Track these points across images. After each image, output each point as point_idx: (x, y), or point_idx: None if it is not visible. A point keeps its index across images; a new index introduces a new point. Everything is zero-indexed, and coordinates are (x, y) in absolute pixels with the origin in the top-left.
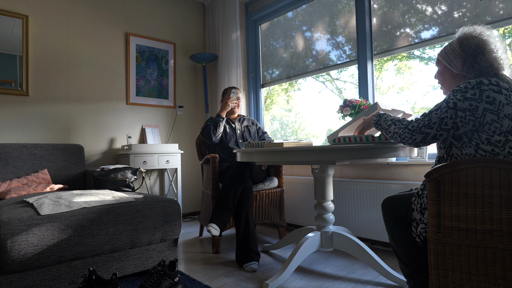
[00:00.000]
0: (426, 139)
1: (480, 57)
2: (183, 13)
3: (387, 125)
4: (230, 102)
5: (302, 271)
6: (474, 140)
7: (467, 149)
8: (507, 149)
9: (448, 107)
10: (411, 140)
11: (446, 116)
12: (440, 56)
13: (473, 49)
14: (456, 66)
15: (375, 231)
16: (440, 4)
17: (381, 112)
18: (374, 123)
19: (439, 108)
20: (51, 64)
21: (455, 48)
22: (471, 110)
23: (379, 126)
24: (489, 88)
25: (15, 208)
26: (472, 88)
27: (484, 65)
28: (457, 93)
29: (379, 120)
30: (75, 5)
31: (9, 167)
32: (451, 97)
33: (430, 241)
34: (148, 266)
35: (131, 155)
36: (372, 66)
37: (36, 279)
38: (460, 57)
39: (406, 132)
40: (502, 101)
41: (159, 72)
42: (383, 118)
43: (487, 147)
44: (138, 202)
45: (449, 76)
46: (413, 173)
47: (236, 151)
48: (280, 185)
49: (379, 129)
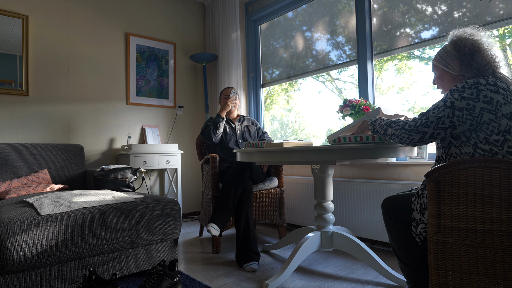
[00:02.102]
0: (423, 138)
1: (477, 55)
2: (183, 13)
3: (383, 130)
4: (230, 102)
5: (302, 271)
6: (472, 139)
7: (466, 148)
8: (505, 148)
9: (445, 106)
10: (409, 140)
11: (443, 115)
12: (435, 61)
13: (469, 48)
14: (454, 67)
15: (375, 231)
16: (440, 4)
17: (374, 119)
18: (371, 130)
19: (436, 107)
20: (51, 64)
21: (449, 50)
22: (468, 110)
23: (376, 133)
24: (486, 88)
25: (15, 208)
26: (470, 87)
27: (482, 63)
28: (454, 92)
29: (374, 127)
30: (75, 5)
31: (9, 167)
32: (448, 97)
33: (430, 241)
34: (148, 266)
35: (131, 155)
36: (372, 66)
37: (36, 279)
38: (456, 58)
39: (403, 133)
40: (500, 100)
41: (159, 72)
42: (377, 123)
43: (485, 146)
44: (138, 202)
45: (449, 79)
46: (413, 173)
47: (236, 151)
48: (280, 185)
49: (377, 135)
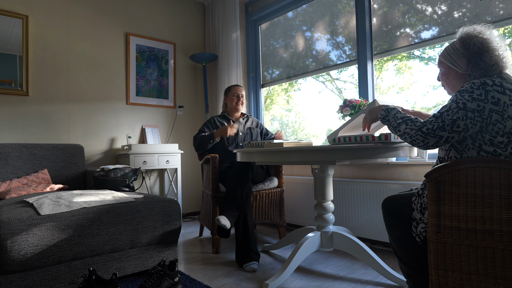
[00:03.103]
0: (439, 142)
1: (485, 55)
2: (183, 13)
3: (396, 123)
4: (230, 132)
5: (302, 271)
6: (478, 141)
7: (469, 151)
8: (509, 150)
9: (458, 108)
10: (423, 143)
11: (458, 117)
12: (442, 57)
13: (478, 47)
14: (461, 66)
15: (375, 231)
16: (440, 4)
17: (391, 106)
18: (381, 118)
19: (449, 109)
20: (51, 64)
21: (457, 48)
22: (479, 111)
23: (387, 122)
24: (493, 89)
25: (15, 208)
26: (478, 88)
27: (490, 63)
28: (464, 93)
29: (387, 115)
30: (75, 5)
31: (9, 167)
32: (459, 98)
33: (430, 241)
34: (148, 266)
35: (131, 155)
36: (372, 66)
37: (36, 279)
38: (464, 56)
39: (419, 135)
40: (506, 102)
41: (159, 72)
42: (392, 113)
43: (489, 148)
44: (138, 202)
45: (454, 77)
46: (413, 173)
47: (236, 151)
48: (280, 185)
49: (385, 124)
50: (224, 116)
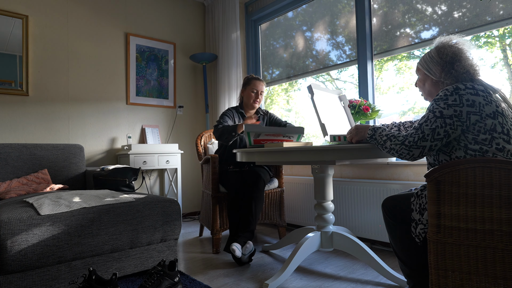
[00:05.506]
0: (423, 152)
1: (457, 64)
2: (183, 13)
3: (382, 140)
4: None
5: (302, 271)
6: (462, 141)
7: (458, 152)
8: (494, 145)
9: (435, 117)
10: (409, 156)
11: (437, 126)
12: (419, 65)
13: (450, 56)
14: (435, 73)
15: (375, 231)
16: (440, 4)
17: (376, 126)
18: (368, 137)
19: (427, 119)
20: (51, 64)
21: (433, 56)
22: (457, 116)
23: (374, 141)
24: (467, 92)
25: (15, 208)
26: (451, 94)
27: (461, 71)
28: (439, 101)
29: (374, 134)
30: (75, 5)
31: (9, 167)
32: (435, 107)
33: (430, 241)
34: (148, 266)
35: (131, 155)
36: (372, 66)
37: (36, 279)
38: (438, 64)
39: (403, 149)
40: (481, 102)
41: (159, 72)
42: (378, 132)
43: (475, 146)
44: (138, 202)
45: (429, 83)
46: (413, 173)
47: (236, 151)
48: (280, 185)
49: (373, 143)
50: (239, 112)
